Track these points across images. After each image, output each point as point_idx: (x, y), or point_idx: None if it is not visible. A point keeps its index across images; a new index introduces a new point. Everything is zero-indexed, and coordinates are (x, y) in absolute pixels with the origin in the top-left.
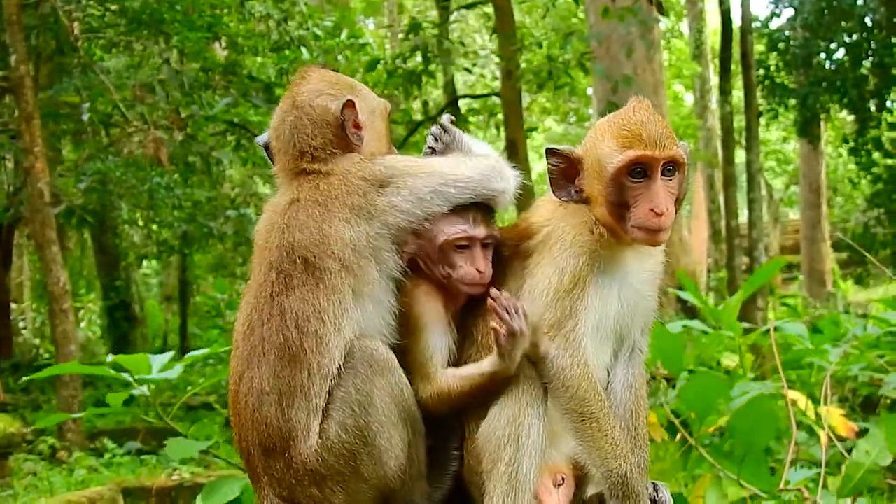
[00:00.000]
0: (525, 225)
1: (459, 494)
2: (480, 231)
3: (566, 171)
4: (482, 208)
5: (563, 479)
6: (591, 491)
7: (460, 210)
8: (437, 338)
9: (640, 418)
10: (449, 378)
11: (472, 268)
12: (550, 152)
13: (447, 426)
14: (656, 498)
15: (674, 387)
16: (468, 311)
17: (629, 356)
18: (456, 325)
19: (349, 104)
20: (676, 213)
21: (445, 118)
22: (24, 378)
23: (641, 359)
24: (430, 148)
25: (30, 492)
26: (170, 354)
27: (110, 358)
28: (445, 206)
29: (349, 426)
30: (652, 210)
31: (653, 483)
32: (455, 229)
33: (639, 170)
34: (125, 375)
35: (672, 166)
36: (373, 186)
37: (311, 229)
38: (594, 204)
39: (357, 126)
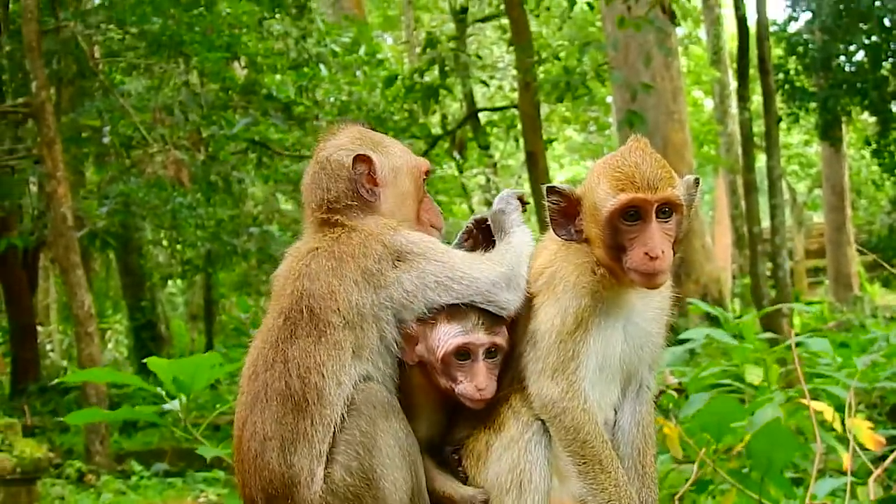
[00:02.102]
0: (531, 269)
1: None
2: (480, 336)
3: (566, 210)
4: (488, 313)
5: None
6: None
7: (463, 313)
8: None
9: (648, 456)
10: None
11: (472, 384)
12: (550, 191)
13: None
14: None
15: (687, 396)
16: None
17: (637, 394)
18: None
19: (361, 158)
20: (675, 253)
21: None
22: (54, 381)
23: (649, 396)
24: (465, 234)
25: None
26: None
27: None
28: (446, 300)
29: (354, 469)
30: (646, 254)
31: None
32: (452, 339)
33: (632, 213)
34: (159, 389)
35: (668, 208)
36: (390, 256)
37: (322, 281)
38: (593, 245)
39: (373, 182)
